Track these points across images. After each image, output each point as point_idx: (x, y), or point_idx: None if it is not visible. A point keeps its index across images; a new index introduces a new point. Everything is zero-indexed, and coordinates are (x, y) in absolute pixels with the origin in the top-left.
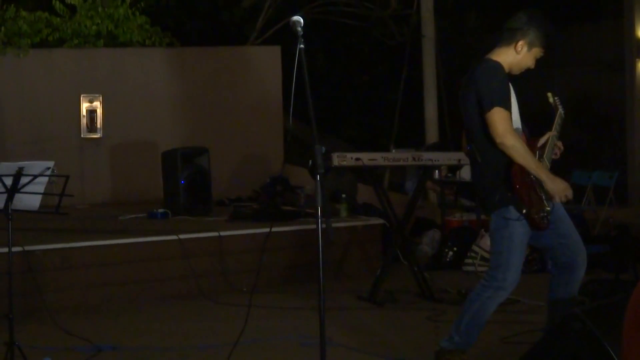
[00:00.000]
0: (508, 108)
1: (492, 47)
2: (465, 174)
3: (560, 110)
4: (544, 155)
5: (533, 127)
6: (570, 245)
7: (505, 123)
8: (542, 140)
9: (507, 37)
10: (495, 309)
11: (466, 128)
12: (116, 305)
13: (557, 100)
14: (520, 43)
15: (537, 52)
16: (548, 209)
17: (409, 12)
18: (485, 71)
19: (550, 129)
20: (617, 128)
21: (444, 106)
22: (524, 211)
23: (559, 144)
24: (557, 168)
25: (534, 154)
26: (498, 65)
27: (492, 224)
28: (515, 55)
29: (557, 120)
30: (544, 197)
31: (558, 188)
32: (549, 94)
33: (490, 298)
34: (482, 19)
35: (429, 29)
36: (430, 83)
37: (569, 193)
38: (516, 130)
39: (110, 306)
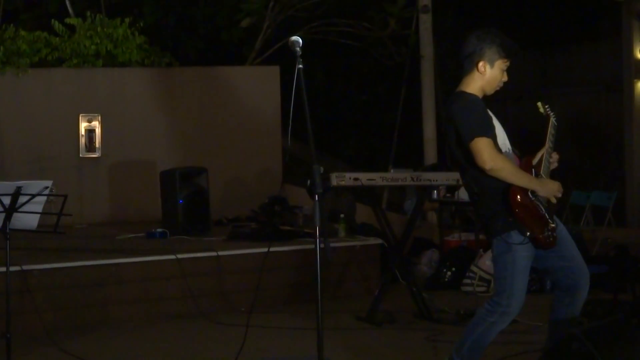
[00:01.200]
0: (490, 136)
1: None
2: (464, 194)
3: (553, 119)
4: (541, 172)
5: (535, 148)
6: (573, 267)
7: (489, 149)
8: (537, 157)
9: (467, 65)
10: (498, 333)
11: (454, 162)
12: (114, 325)
13: (548, 109)
14: (480, 64)
15: (500, 64)
16: (553, 225)
17: (408, 32)
18: (461, 108)
19: (543, 142)
20: (616, 148)
21: (443, 126)
22: (528, 234)
23: (555, 156)
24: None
25: (530, 172)
26: (473, 99)
27: (495, 249)
28: (482, 77)
29: (550, 130)
30: (546, 214)
31: (549, 189)
32: (539, 104)
33: (495, 323)
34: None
35: (427, 49)
36: (428, 103)
37: (560, 190)
38: (505, 153)
39: (108, 326)
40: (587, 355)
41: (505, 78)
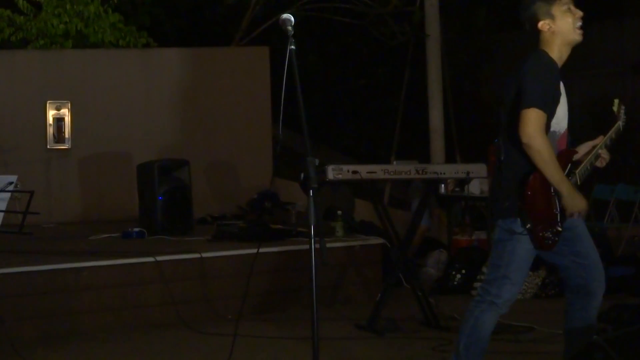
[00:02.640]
0: (547, 111)
1: (504, 47)
2: (475, 188)
3: (620, 123)
4: (577, 171)
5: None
6: (587, 266)
7: (537, 125)
8: (581, 153)
9: (531, 30)
10: (492, 327)
11: (501, 118)
12: (86, 335)
13: (623, 110)
14: (540, 24)
15: (559, 8)
16: (559, 229)
17: (412, 9)
18: (534, 69)
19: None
20: None
21: (451, 114)
22: (528, 226)
23: (605, 154)
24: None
25: (564, 167)
26: (550, 63)
27: (496, 233)
28: (552, 35)
29: (611, 134)
30: (558, 215)
31: (574, 204)
32: (616, 101)
33: (484, 312)
34: (493, 16)
35: (433, 28)
36: (435, 88)
37: (583, 212)
38: (554, 132)
39: (80, 337)
40: None
41: (579, 15)
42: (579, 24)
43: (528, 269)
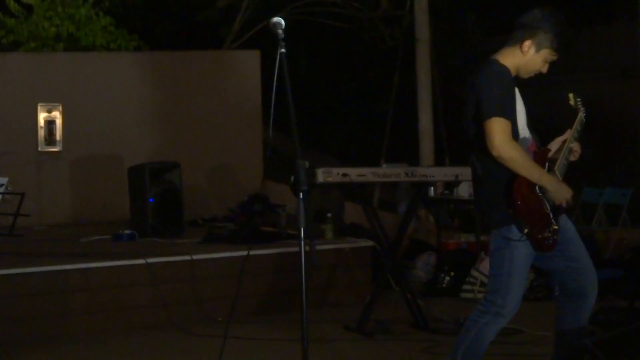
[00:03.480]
0: (509, 118)
1: (494, 51)
2: (464, 191)
3: (581, 114)
4: (556, 168)
5: (541, 140)
6: (579, 269)
7: (503, 134)
8: (553, 150)
9: (515, 36)
10: (494, 337)
11: (465, 136)
12: (77, 337)
13: (579, 102)
14: (526, 43)
15: (546, 54)
16: (555, 227)
17: (402, 13)
18: (488, 77)
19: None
20: (631, 140)
21: (440, 117)
22: (526, 231)
23: (576, 147)
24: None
25: (543, 165)
26: (503, 71)
27: (492, 243)
28: (522, 57)
29: (576, 126)
30: (551, 214)
31: (560, 192)
32: (571, 95)
33: (488, 324)
34: (483, 20)
35: (423, 32)
36: (424, 91)
37: (570, 198)
38: (522, 140)
39: (70, 338)
40: None
41: (544, 69)
42: (545, 68)
43: (527, 275)
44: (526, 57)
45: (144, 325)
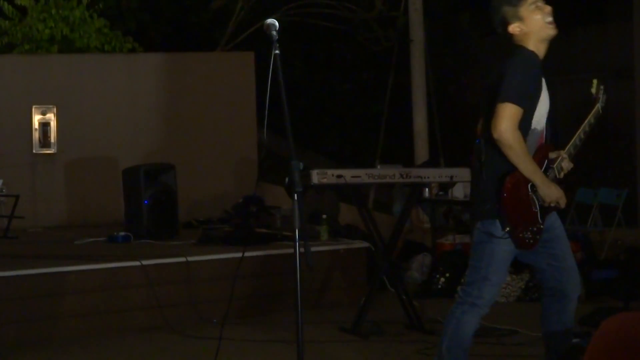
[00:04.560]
0: (524, 106)
1: (488, 52)
2: (458, 192)
3: (599, 105)
4: (554, 166)
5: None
6: (562, 269)
7: (510, 120)
8: (554, 153)
9: (504, 33)
10: (475, 327)
11: (483, 116)
12: (71, 339)
13: (602, 91)
14: (511, 27)
15: (526, 9)
16: (540, 226)
17: (396, 14)
18: (516, 61)
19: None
20: (626, 141)
21: (435, 118)
22: (507, 229)
23: (567, 164)
24: (561, 185)
25: (542, 162)
26: (532, 57)
27: (475, 235)
28: (527, 34)
29: (590, 119)
30: (538, 212)
31: (551, 193)
32: (595, 81)
33: (465, 313)
34: (477, 20)
35: (417, 33)
36: (419, 92)
37: (562, 202)
38: (533, 131)
39: (64, 340)
40: None
41: (547, 10)
42: (549, 18)
43: (507, 270)
44: (526, 30)
45: (138, 327)
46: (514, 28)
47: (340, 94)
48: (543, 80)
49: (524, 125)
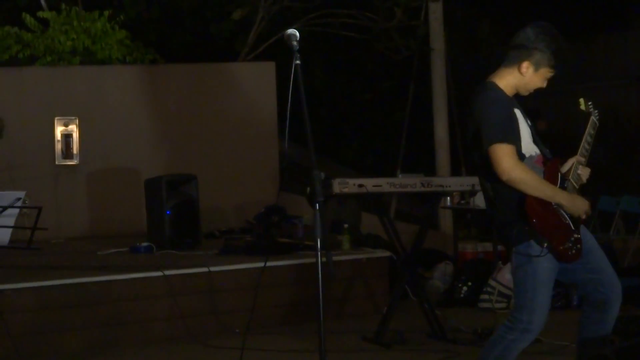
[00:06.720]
0: (511, 141)
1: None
2: (480, 201)
3: (594, 117)
4: (570, 178)
5: (557, 149)
6: (603, 280)
7: (509, 158)
8: (568, 163)
9: (511, 57)
10: (519, 353)
11: (474, 159)
12: (96, 349)
13: (591, 106)
14: (524, 64)
15: (545, 72)
16: (577, 236)
17: (416, 23)
18: (486, 104)
19: (578, 145)
20: None
21: (456, 126)
22: (546, 245)
23: (586, 170)
24: (582, 193)
25: (555, 178)
26: (498, 95)
27: (513, 260)
28: (521, 77)
29: (589, 130)
30: (570, 223)
31: (577, 207)
32: (581, 100)
33: (515, 341)
34: (497, 29)
35: (438, 42)
36: (440, 101)
37: (588, 210)
38: (529, 158)
39: (89, 350)
40: None
41: (543, 85)
42: (537, 88)
43: (552, 288)
44: (525, 77)
45: (161, 337)
46: (526, 67)
47: (361, 104)
48: (515, 110)
49: (519, 157)
